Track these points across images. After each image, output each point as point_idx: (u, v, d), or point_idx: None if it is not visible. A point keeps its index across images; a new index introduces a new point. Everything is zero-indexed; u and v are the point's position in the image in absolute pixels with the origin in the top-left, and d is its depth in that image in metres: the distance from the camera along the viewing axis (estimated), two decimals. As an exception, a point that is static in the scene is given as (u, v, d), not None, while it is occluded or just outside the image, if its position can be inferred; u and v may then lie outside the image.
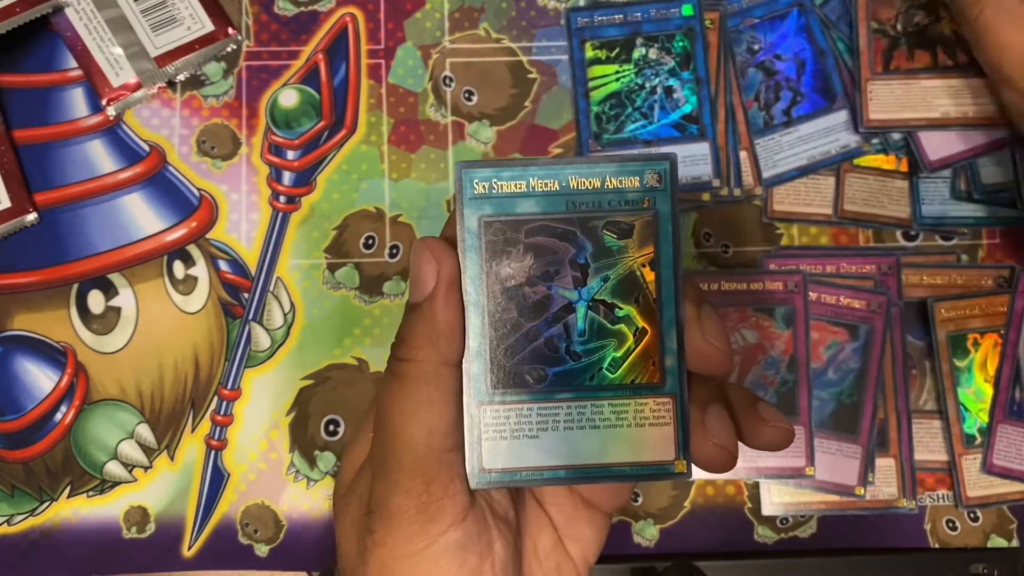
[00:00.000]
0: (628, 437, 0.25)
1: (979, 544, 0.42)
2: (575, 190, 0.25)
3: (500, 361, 0.25)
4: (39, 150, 0.44)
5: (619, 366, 0.25)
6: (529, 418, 0.25)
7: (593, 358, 0.25)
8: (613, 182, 0.25)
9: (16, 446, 0.42)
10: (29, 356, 0.43)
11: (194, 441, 0.42)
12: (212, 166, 0.44)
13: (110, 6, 0.44)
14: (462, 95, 0.45)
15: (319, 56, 0.45)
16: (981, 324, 0.43)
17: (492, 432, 0.25)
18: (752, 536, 0.42)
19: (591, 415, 0.25)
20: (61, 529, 0.42)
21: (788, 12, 0.45)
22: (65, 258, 0.43)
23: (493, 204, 0.25)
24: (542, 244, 0.25)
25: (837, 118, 0.44)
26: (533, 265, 0.25)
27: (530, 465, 0.25)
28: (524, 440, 0.25)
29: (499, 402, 0.25)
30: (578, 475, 0.25)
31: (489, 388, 0.25)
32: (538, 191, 0.25)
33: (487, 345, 0.25)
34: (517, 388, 0.25)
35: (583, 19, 0.44)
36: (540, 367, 0.25)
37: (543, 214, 0.25)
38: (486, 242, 0.25)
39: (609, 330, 0.25)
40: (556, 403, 0.25)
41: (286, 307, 0.43)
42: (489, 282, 0.25)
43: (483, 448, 0.25)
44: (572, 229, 0.25)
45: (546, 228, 0.25)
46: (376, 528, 0.25)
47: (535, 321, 0.25)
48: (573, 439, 0.25)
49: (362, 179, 0.44)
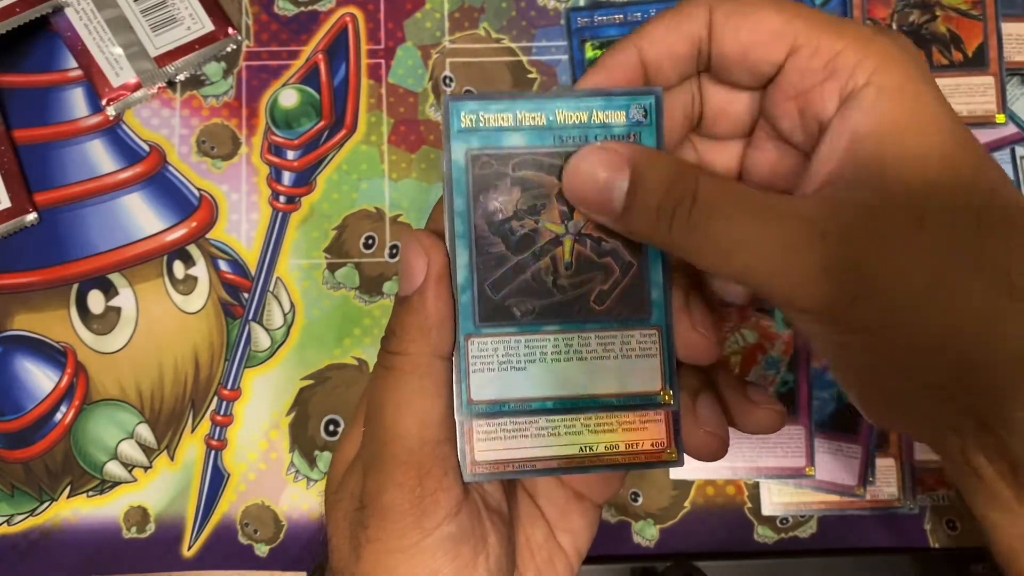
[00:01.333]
0: (615, 368, 0.25)
1: (979, 544, 0.42)
2: (562, 124, 0.25)
3: (487, 294, 0.25)
4: (39, 150, 0.44)
5: (605, 299, 0.25)
6: (516, 350, 0.25)
7: (580, 291, 0.25)
8: (600, 116, 0.25)
9: (16, 446, 0.42)
10: (29, 356, 0.43)
11: (194, 441, 0.42)
12: (212, 166, 0.44)
13: (110, 6, 0.44)
14: (462, 95, 0.45)
15: (319, 56, 0.45)
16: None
17: (480, 364, 0.25)
18: (752, 536, 0.42)
19: (578, 347, 0.25)
20: (61, 529, 0.42)
21: (788, 12, 0.45)
22: (65, 258, 0.43)
23: (480, 137, 0.24)
24: (529, 178, 0.25)
25: (837, 118, 0.44)
26: (520, 199, 0.25)
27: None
28: (512, 372, 0.25)
29: (487, 334, 0.25)
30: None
31: (477, 321, 0.25)
32: (525, 125, 0.25)
33: (475, 278, 0.25)
34: (504, 321, 0.25)
35: (583, 19, 0.44)
36: (527, 300, 0.25)
37: (530, 147, 0.25)
38: (473, 176, 0.25)
39: (595, 263, 0.25)
40: (543, 335, 0.25)
41: (286, 307, 0.43)
42: (476, 216, 0.25)
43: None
44: (559, 163, 0.25)
45: (533, 162, 0.25)
46: (369, 523, 0.24)
47: (522, 255, 0.25)
48: (560, 371, 0.25)
49: (362, 179, 0.44)
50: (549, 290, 0.25)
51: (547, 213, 0.25)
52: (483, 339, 0.25)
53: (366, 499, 0.25)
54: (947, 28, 0.44)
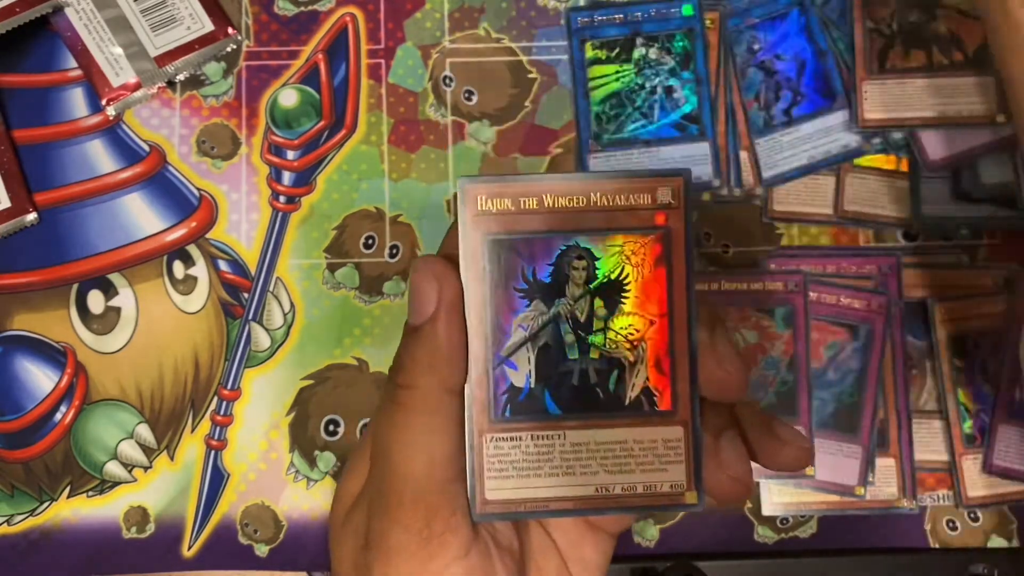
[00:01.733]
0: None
1: (979, 544, 0.42)
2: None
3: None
4: (39, 150, 0.44)
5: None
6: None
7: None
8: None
9: (16, 446, 0.42)
10: (29, 356, 0.43)
11: (194, 441, 0.42)
12: (212, 166, 0.44)
13: (110, 6, 0.44)
14: (462, 95, 0.45)
15: (319, 56, 0.45)
16: (981, 324, 0.43)
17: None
18: (752, 536, 0.42)
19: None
20: (61, 529, 0.42)
21: (788, 12, 0.45)
22: (65, 258, 0.43)
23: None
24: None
25: (837, 118, 0.44)
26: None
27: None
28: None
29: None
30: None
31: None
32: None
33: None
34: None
35: (583, 19, 0.44)
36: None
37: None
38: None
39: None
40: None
41: (286, 307, 0.43)
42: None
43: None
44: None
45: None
46: (374, 565, 0.24)
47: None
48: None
49: (362, 179, 0.44)
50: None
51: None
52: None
53: (372, 540, 0.24)
54: (947, 28, 0.44)
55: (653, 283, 0.24)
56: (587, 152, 0.44)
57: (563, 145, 0.45)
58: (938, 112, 0.43)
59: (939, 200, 0.44)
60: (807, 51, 0.45)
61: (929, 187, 0.44)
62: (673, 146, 0.43)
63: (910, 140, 0.44)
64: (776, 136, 0.44)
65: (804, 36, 0.45)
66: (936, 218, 0.44)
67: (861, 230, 0.45)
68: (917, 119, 0.43)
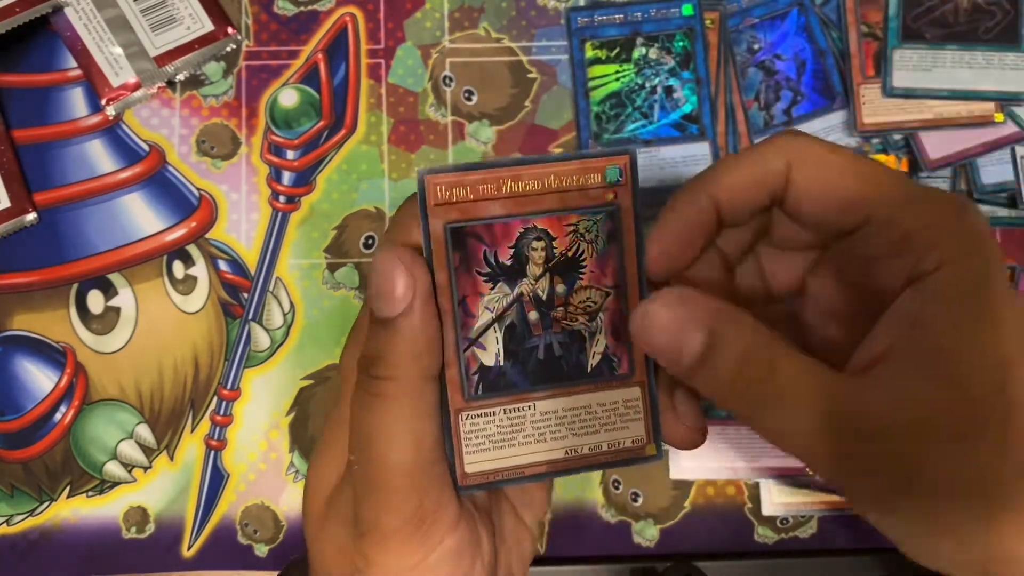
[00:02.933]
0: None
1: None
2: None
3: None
4: (39, 150, 0.44)
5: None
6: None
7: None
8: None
9: (16, 446, 0.42)
10: (29, 356, 0.43)
11: (194, 441, 0.42)
12: (212, 166, 0.44)
13: (110, 6, 0.44)
14: (462, 95, 0.45)
15: (319, 56, 0.45)
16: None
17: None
18: (752, 536, 0.42)
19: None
20: (61, 529, 0.42)
21: (788, 12, 0.45)
22: (65, 258, 0.43)
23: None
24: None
25: (837, 118, 0.44)
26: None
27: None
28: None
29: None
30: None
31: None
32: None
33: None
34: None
35: (583, 19, 0.44)
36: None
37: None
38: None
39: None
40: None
41: (286, 307, 0.43)
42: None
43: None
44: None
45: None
46: (370, 551, 0.24)
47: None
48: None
49: (362, 179, 0.44)
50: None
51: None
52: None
53: (364, 527, 0.24)
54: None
55: (607, 257, 0.25)
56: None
57: (563, 145, 0.45)
58: (936, 114, 0.43)
59: (939, 200, 0.44)
60: (807, 51, 0.45)
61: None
62: (673, 146, 0.43)
63: (910, 140, 0.44)
64: (776, 136, 0.44)
65: (804, 36, 0.45)
66: (936, 218, 0.44)
67: (861, 230, 0.45)
68: (916, 122, 0.43)
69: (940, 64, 0.43)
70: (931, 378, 0.21)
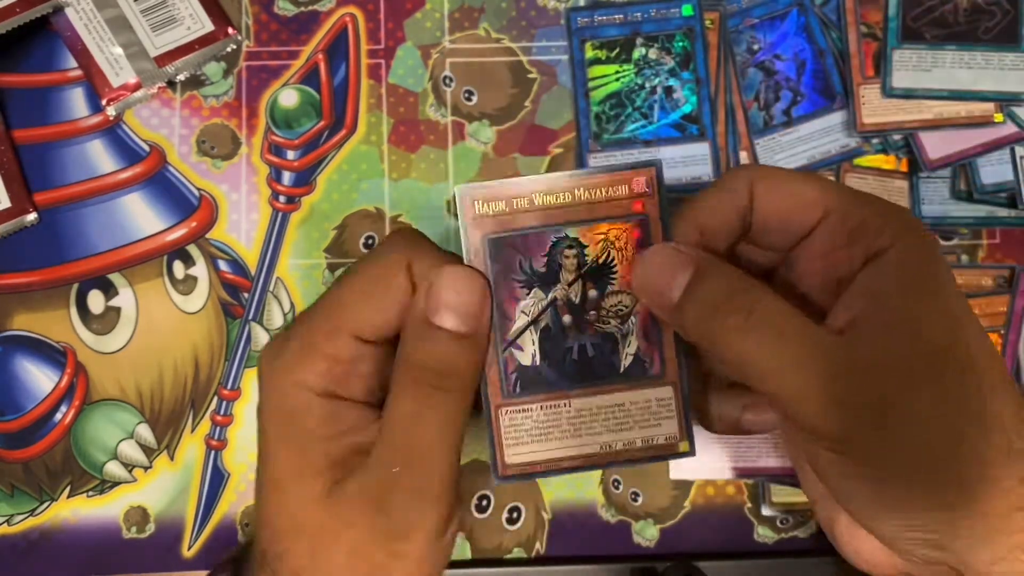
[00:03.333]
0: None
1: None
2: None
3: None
4: (39, 150, 0.44)
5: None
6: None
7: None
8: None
9: (16, 446, 0.42)
10: (29, 356, 0.43)
11: (194, 441, 0.42)
12: (212, 166, 0.44)
13: (110, 6, 0.44)
14: (462, 95, 0.45)
15: (319, 56, 0.45)
16: (981, 324, 0.43)
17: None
18: (752, 536, 0.42)
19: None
20: (61, 529, 0.42)
21: (788, 12, 0.45)
22: (65, 258, 0.43)
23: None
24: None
25: (837, 118, 0.44)
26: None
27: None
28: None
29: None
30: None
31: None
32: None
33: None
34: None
35: (583, 19, 0.44)
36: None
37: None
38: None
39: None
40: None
41: (286, 307, 0.43)
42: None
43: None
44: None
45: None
46: (404, 549, 0.26)
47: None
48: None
49: (362, 179, 0.44)
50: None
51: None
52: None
53: (402, 530, 0.26)
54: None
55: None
56: (587, 152, 0.44)
57: (563, 145, 0.45)
58: (936, 114, 0.43)
59: (938, 200, 0.44)
60: (807, 51, 0.45)
61: (928, 187, 0.44)
62: (673, 146, 0.43)
63: (910, 140, 0.44)
64: (776, 136, 0.44)
65: (804, 36, 0.45)
66: (936, 218, 0.44)
67: (861, 230, 0.45)
68: (916, 122, 0.43)
69: (940, 64, 0.43)
70: (896, 335, 0.24)
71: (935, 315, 0.25)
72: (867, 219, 0.26)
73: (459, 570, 0.41)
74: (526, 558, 0.42)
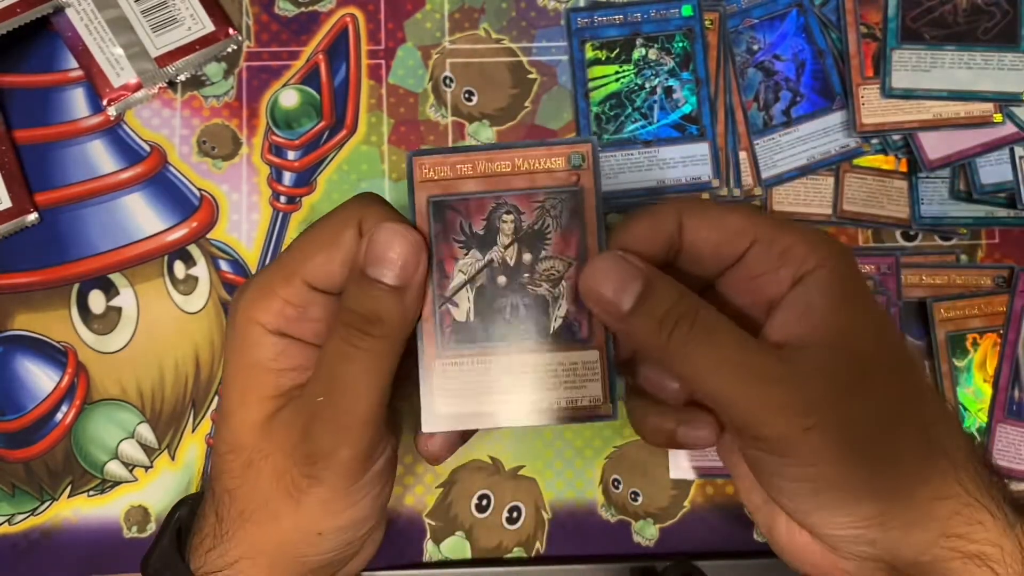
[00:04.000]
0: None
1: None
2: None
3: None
4: (40, 150, 0.44)
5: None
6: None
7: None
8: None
9: (17, 446, 0.42)
10: (30, 356, 0.43)
11: (195, 441, 0.43)
12: (213, 166, 0.44)
13: (111, 6, 0.44)
14: (462, 95, 0.45)
15: (319, 56, 0.45)
16: (980, 324, 0.43)
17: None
18: (752, 536, 0.42)
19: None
20: (62, 529, 0.42)
21: (787, 12, 0.45)
22: (66, 258, 0.43)
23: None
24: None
25: (836, 118, 0.44)
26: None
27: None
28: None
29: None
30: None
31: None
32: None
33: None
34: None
35: (583, 19, 0.45)
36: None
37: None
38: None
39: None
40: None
41: (286, 307, 0.43)
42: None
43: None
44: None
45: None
46: (321, 474, 0.28)
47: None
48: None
49: (362, 179, 0.44)
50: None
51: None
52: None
53: (319, 455, 0.28)
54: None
55: (570, 232, 0.29)
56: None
57: (563, 145, 0.45)
58: (935, 114, 0.43)
59: (938, 200, 0.44)
60: (806, 51, 0.45)
61: (928, 187, 0.44)
62: (673, 146, 0.43)
63: (909, 140, 0.44)
64: (775, 136, 0.44)
65: (803, 36, 0.45)
66: (935, 218, 0.44)
67: (860, 230, 0.45)
68: (915, 122, 0.43)
69: (939, 64, 0.43)
70: (828, 345, 0.27)
71: (861, 326, 0.27)
72: (793, 245, 0.28)
73: (459, 570, 0.41)
74: (526, 557, 0.42)
